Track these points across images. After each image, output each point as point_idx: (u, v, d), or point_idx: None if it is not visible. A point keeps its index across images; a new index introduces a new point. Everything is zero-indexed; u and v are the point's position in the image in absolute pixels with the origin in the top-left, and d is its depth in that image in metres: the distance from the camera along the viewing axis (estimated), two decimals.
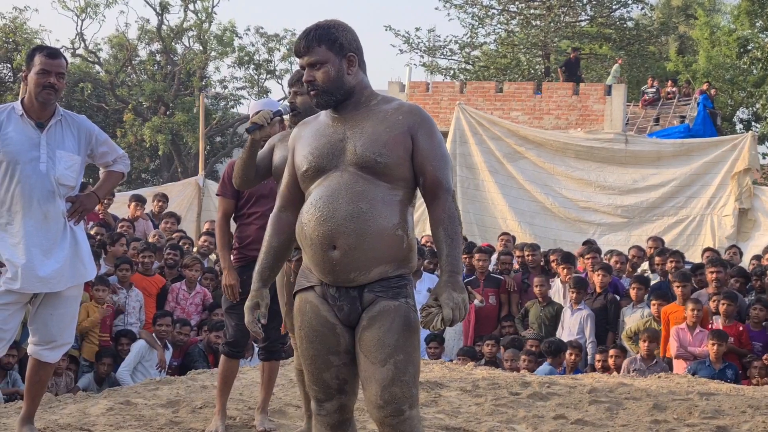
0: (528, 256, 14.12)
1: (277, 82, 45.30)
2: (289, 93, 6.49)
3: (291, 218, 4.74)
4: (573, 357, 11.70)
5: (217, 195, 7.17)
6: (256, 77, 45.34)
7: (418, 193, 4.63)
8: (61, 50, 6.50)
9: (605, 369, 11.55)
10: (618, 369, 11.38)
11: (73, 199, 6.37)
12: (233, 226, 7.18)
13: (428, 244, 14.94)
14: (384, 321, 4.43)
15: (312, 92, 4.58)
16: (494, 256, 14.58)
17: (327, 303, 4.55)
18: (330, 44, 4.55)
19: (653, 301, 12.00)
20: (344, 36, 4.59)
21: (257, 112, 6.49)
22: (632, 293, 12.45)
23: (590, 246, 14.60)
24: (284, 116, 6.54)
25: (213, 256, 14.44)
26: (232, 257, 7.05)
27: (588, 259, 13.55)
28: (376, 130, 4.51)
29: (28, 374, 6.51)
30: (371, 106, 4.61)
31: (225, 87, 46.03)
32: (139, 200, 15.28)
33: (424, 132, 4.52)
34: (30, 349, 6.45)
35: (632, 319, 12.18)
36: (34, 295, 6.27)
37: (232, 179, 6.44)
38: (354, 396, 4.68)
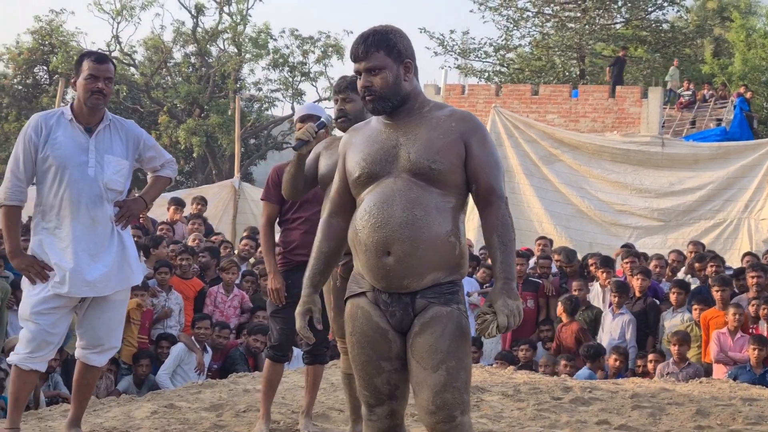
0: (566, 267, 14.07)
1: (312, 85, 45.49)
2: (337, 100, 6.47)
3: (341, 224, 4.74)
4: (617, 363, 11.67)
5: (261, 200, 7.18)
6: (290, 79, 45.37)
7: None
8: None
9: (645, 374, 11.52)
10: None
11: (121, 204, 6.40)
12: (277, 230, 7.21)
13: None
14: (436, 327, 4.43)
15: (368, 98, 4.57)
16: (532, 260, 14.55)
17: (379, 309, 4.56)
18: (388, 50, 4.55)
19: (694, 306, 11.95)
20: (401, 42, 4.60)
21: (305, 117, 6.53)
22: (672, 298, 12.37)
23: (629, 250, 14.54)
24: (328, 126, 6.54)
25: (252, 259, 14.50)
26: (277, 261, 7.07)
27: (627, 263, 13.50)
28: (430, 136, 4.51)
29: (76, 378, 6.54)
30: (424, 113, 4.60)
31: (259, 89, 46.15)
32: (179, 204, 15.32)
33: (476, 139, 4.52)
34: (77, 352, 6.49)
35: (673, 323, 12.12)
36: (82, 299, 6.31)
37: (282, 192, 6.46)
38: (404, 401, 4.68)
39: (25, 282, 6.29)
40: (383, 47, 4.55)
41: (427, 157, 4.46)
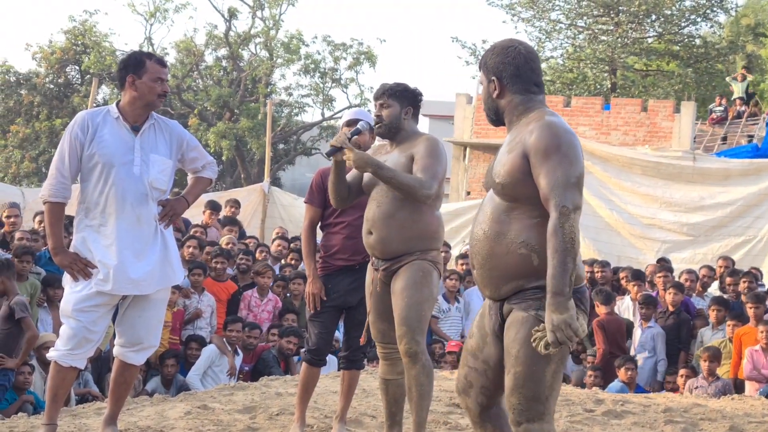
0: (598, 272, 14.06)
1: (342, 91, 45.16)
2: (376, 106, 6.46)
3: None
4: (629, 372, 11.66)
5: (304, 203, 7.16)
6: (321, 85, 45.33)
7: None
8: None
9: (674, 389, 11.48)
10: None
11: (164, 203, 6.45)
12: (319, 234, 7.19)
13: None
14: (510, 331, 4.53)
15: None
16: None
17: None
18: (483, 67, 4.78)
19: (728, 322, 11.89)
20: (491, 59, 4.73)
21: (350, 122, 6.55)
22: (712, 315, 12.31)
23: (663, 264, 14.49)
24: (363, 132, 6.53)
25: (283, 261, 14.55)
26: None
27: (660, 277, 13.44)
28: (503, 150, 4.63)
29: (113, 375, 6.56)
30: (520, 125, 4.67)
31: (290, 94, 46.07)
32: (214, 208, 15.29)
33: (537, 152, 4.47)
34: (116, 350, 6.52)
35: (714, 341, 11.99)
36: (122, 297, 6.34)
37: (330, 201, 6.47)
38: (476, 405, 4.77)
39: (67, 279, 6.33)
40: (481, 65, 4.79)
41: (494, 172, 4.59)
